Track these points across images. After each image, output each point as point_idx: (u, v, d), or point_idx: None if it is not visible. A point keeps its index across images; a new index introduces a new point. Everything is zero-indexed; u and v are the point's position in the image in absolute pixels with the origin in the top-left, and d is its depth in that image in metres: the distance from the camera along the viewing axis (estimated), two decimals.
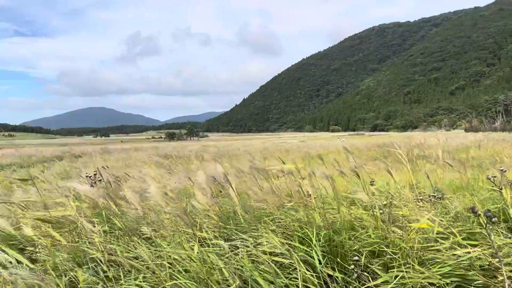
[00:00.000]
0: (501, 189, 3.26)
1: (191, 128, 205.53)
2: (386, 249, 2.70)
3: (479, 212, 2.04)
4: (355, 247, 2.86)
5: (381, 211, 3.17)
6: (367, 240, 2.89)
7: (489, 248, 2.36)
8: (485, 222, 2.01)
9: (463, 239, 2.64)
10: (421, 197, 3.86)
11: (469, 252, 2.36)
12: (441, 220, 2.95)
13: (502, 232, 2.82)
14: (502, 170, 3.54)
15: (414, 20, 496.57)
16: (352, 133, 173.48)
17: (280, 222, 3.39)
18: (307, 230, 2.94)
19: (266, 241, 2.76)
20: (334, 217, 3.34)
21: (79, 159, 20.88)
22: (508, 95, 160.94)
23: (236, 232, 3.17)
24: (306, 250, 2.68)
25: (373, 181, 4.20)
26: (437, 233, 2.66)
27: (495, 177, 3.42)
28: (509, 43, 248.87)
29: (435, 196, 3.86)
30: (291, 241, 2.86)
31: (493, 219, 1.97)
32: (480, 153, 13.07)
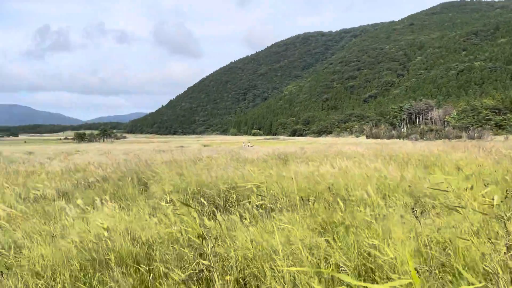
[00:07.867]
0: None
1: (104, 129, 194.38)
2: None
3: None
4: None
5: None
6: None
7: None
8: None
9: None
10: None
11: None
12: None
13: None
14: None
15: (336, 30, 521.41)
16: (268, 137, 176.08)
17: None
18: None
19: None
20: None
21: None
22: (412, 104, 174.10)
23: None
24: None
25: None
26: None
27: None
28: (417, 56, 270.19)
29: None
30: None
31: None
32: None
